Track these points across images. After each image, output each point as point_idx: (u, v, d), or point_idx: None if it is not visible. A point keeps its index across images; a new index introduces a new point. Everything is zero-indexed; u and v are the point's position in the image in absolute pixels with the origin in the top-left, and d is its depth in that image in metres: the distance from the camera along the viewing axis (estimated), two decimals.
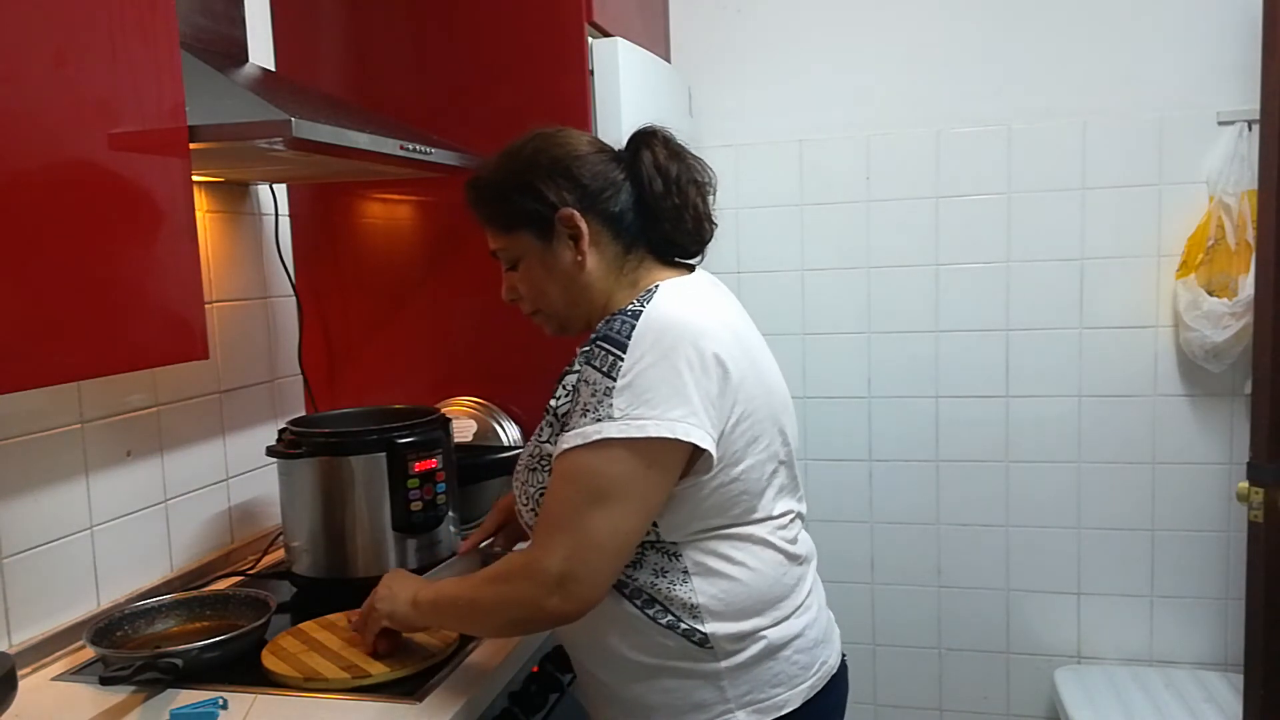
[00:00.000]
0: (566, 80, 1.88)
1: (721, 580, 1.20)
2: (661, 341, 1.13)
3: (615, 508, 1.11)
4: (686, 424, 1.11)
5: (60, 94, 1.06)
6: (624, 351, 1.13)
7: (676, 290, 1.21)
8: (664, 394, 1.11)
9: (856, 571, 2.58)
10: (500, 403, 1.99)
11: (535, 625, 1.27)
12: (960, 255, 2.43)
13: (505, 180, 1.27)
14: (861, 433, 2.54)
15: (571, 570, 1.11)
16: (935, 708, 2.58)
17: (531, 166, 1.25)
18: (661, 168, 1.25)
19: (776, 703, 1.22)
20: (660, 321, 1.15)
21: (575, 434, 1.13)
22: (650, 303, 1.17)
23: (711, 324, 1.18)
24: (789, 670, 1.23)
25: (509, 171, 1.27)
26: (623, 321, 1.16)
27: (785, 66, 2.50)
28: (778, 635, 1.22)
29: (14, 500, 1.43)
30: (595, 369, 1.14)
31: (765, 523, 1.23)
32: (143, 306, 1.19)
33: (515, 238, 1.27)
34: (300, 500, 1.67)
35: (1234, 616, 2.33)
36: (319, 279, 2.09)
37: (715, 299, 1.27)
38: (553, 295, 1.28)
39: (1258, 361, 1.97)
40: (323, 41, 2.05)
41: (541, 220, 1.24)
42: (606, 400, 1.12)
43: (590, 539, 1.11)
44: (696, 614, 1.19)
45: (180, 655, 1.30)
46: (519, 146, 1.28)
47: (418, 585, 1.31)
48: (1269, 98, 1.91)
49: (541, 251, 1.26)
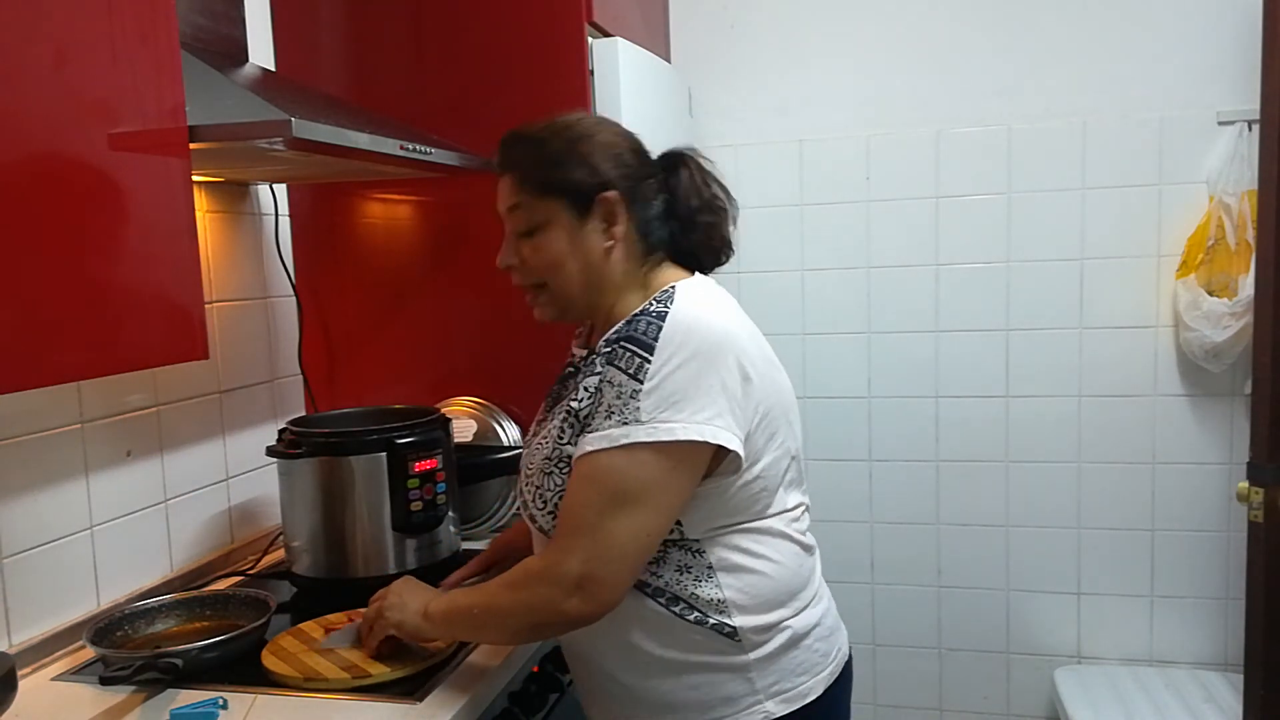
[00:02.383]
0: (566, 80, 1.88)
1: (746, 574, 1.21)
2: (689, 343, 1.13)
3: (638, 510, 1.12)
4: (714, 425, 1.12)
5: (60, 94, 1.06)
6: (651, 353, 1.13)
7: (694, 292, 1.21)
8: (692, 396, 1.11)
9: (856, 571, 2.58)
10: (500, 403, 1.99)
11: (554, 629, 1.26)
12: (960, 255, 2.44)
13: (558, 141, 1.23)
14: (861, 433, 2.54)
15: (591, 573, 1.11)
16: (935, 708, 2.58)
17: (588, 138, 1.23)
18: (698, 188, 1.28)
19: (802, 690, 1.23)
20: (687, 323, 1.15)
21: (599, 436, 1.13)
22: (673, 304, 1.17)
23: (733, 325, 1.19)
24: (811, 659, 1.25)
25: (564, 138, 1.23)
26: (648, 323, 1.15)
27: (785, 66, 2.50)
28: (800, 624, 1.24)
29: (14, 500, 1.43)
30: (620, 370, 1.14)
31: (781, 515, 1.25)
32: (143, 306, 1.19)
33: (547, 203, 1.22)
34: (300, 500, 1.67)
35: (1234, 616, 2.33)
36: (319, 279, 2.09)
37: (728, 299, 1.27)
38: (570, 273, 1.23)
39: (1258, 361, 1.97)
40: (323, 41, 2.04)
41: (582, 195, 1.21)
42: (632, 403, 1.11)
43: (612, 541, 1.11)
44: (724, 609, 1.19)
45: (180, 655, 1.30)
46: (572, 119, 1.26)
47: (429, 596, 1.30)
48: (1269, 98, 1.91)
49: (571, 226, 1.22)
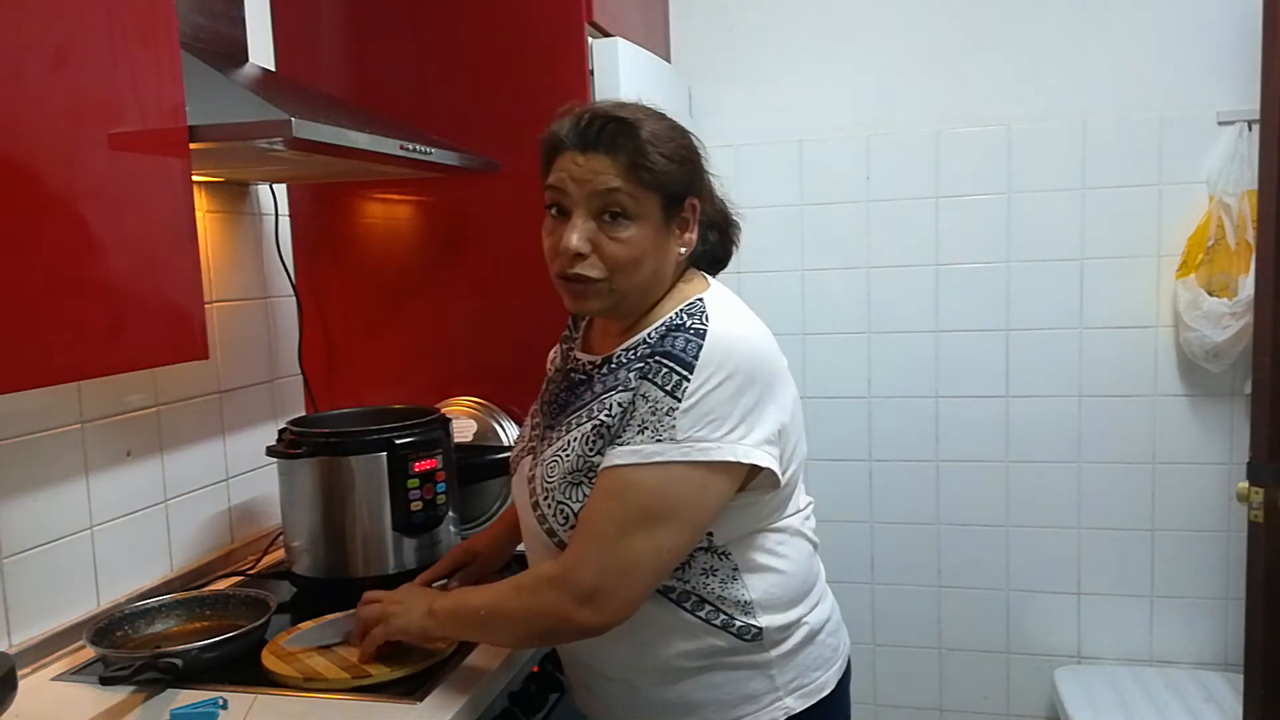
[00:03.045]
0: (566, 80, 1.88)
1: (770, 574, 1.22)
2: (728, 363, 1.12)
3: (662, 529, 1.11)
4: (747, 445, 1.12)
5: (60, 94, 1.06)
6: (691, 372, 1.12)
7: (727, 308, 1.21)
8: (729, 416, 1.11)
9: (856, 571, 2.58)
10: (500, 403, 1.99)
11: (562, 637, 1.26)
12: (960, 255, 2.43)
13: (674, 143, 1.20)
14: (861, 433, 2.54)
15: (605, 585, 1.11)
16: (935, 708, 2.58)
17: (696, 149, 1.24)
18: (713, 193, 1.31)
19: (818, 685, 1.25)
20: (728, 343, 1.14)
21: (629, 450, 1.12)
22: (710, 322, 1.16)
23: (766, 340, 1.20)
24: (824, 653, 1.27)
25: (679, 142, 1.21)
26: (686, 340, 1.14)
27: (785, 66, 2.50)
28: (815, 620, 1.26)
29: (14, 500, 1.43)
30: (657, 386, 1.12)
31: (797, 515, 1.27)
32: (143, 306, 1.18)
33: (648, 196, 1.17)
34: (300, 500, 1.67)
35: (1234, 616, 2.33)
36: (319, 279, 2.09)
37: (750, 311, 1.27)
38: (644, 271, 1.19)
39: (1258, 361, 1.97)
40: (323, 41, 2.04)
41: (676, 197, 1.20)
42: (668, 420, 1.11)
43: (630, 557, 1.11)
44: (750, 610, 1.20)
45: (180, 655, 1.30)
46: (663, 112, 1.24)
47: (432, 596, 1.30)
48: (1269, 98, 1.91)
49: (659, 225, 1.19)
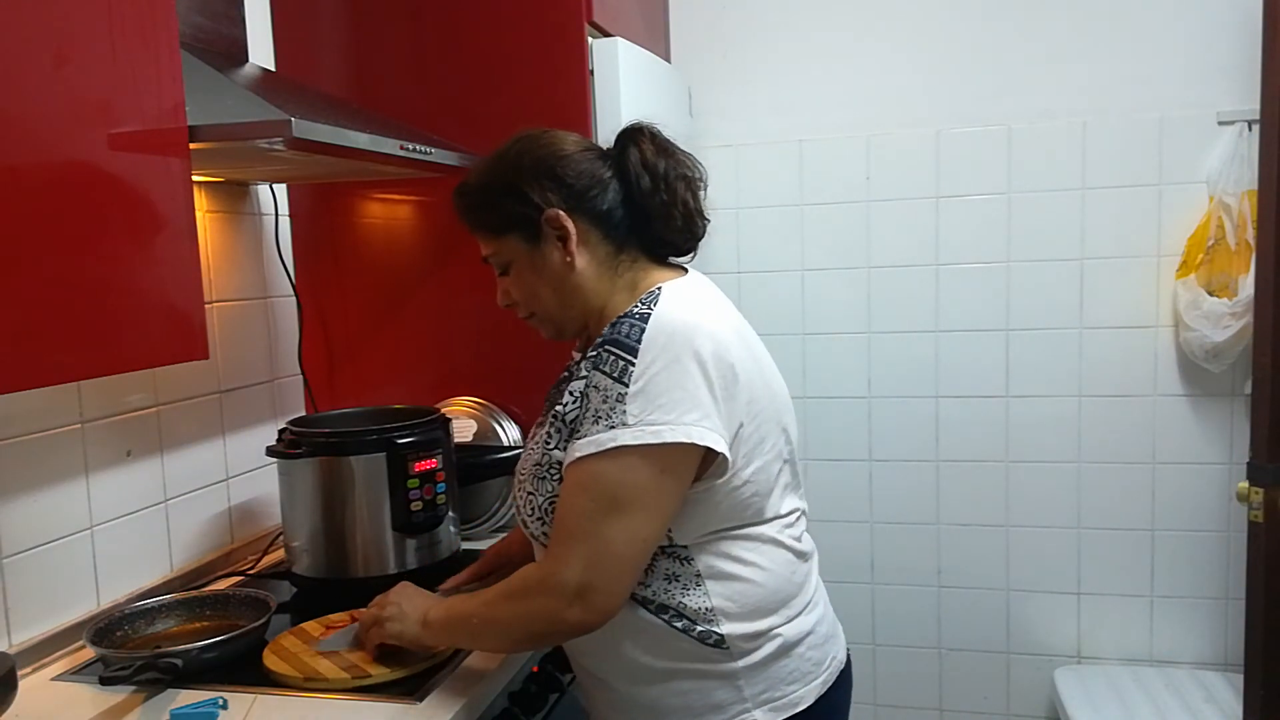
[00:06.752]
0: (566, 80, 1.88)
1: (734, 582, 1.20)
2: (672, 345, 1.12)
3: (632, 516, 1.11)
4: (701, 427, 1.11)
5: (60, 94, 1.06)
6: (635, 356, 1.12)
7: (680, 292, 1.21)
8: (677, 398, 1.10)
9: (856, 571, 2.58)
10: (500, 403, 1.99)
11: (554, 638, 1.26)
12: (960, 255, 2.44)
13: (490, 184, 1.26)
14: (861, 433, 2.54)
15: (590, 581, 1.10)
16: (935, 708, 2.58)
17: (515, 169, 1.24)
18: (649, 164, 1.24)
19: (792, 700, 1.22)
20: (670, 325, 1.14)
21: (588, 441, 1.12)
22: (657, 305, 1.16)
23: (719, 326, 1.18)
24: (803, 667, 1.24)
25: (494, 175, 1.26)
26: (631, 325, 1.15)
27: (785, 66, 2.50)
28: (792, 632, 1.23)
29: (14, 500, 1.43)
30: (605, 374, 1.13)
31: (774, 522, 1.24)
32: (143, 306, 1.18)
33: (505, 242, 1.26)
34: (300, 500, 1.67)
35: (1234, 616, 2.33)
36: (319, 279, 2.09)
37: (717, 300, 1.27)
38: (545, 298, 1.27)
39: (1258, 361, 1.97)
40: (323, 41, 2.04)
41: (528, 223, 1.23)
42: (619, 406, 1.11)
43: (608, 548, 1.11)
44: (711, 617, 1.18)
45: (180, 655, 1.30)
46: (504, 150, 1.27)
47: (428, 604, 1.30)
48: (1269, 98, 1.91)
49: (530, 254, 1.25)
